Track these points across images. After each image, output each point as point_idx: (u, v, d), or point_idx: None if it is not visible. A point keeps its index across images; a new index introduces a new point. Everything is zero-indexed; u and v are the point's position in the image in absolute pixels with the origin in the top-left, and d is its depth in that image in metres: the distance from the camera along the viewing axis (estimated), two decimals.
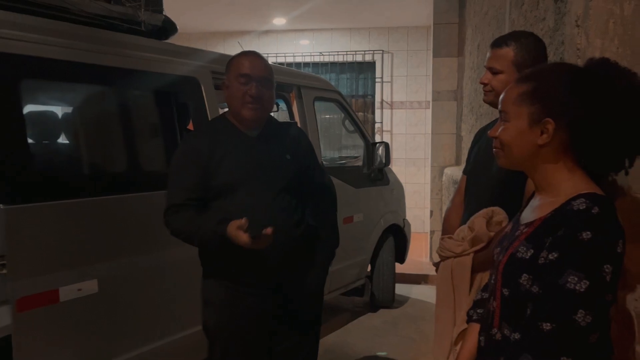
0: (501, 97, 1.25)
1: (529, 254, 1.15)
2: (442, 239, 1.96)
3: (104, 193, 2.26)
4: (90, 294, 2.16)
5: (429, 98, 6.67)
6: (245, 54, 2.02)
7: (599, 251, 1.05)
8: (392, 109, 7.95)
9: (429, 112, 6.61)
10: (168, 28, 2.96)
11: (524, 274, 1.14)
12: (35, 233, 2.00)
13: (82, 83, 2.40)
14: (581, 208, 1.09)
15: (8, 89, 1.96)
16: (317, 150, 3.75)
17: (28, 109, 2.07)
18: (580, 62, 1.61)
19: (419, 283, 5.56)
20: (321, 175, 2.22)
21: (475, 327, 1.38)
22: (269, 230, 1.76)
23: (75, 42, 2.25)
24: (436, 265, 1.98)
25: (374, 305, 4.71)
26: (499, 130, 1.23)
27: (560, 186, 1.18)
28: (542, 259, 1.11)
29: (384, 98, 7.95)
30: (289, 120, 3.74)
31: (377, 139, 7.59)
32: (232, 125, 2.02)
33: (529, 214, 1.25)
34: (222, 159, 1.93)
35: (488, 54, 1.84)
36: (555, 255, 1.08)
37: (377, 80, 7.94)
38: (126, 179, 2.40)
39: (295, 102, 3.70)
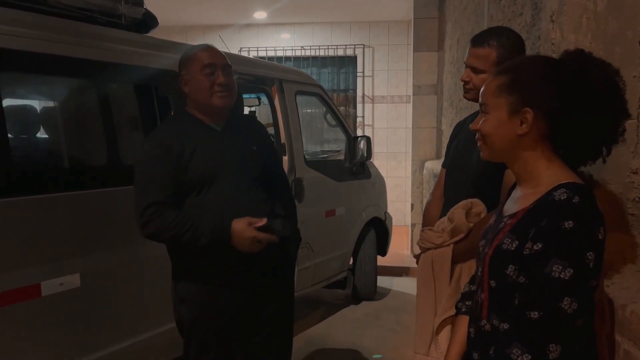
0: (481, 90, 1.29)
1: (514, 246, 1.18)
2: (422, 230, 2.00)
3: (86, 187, 2.25)
4: (72, 289, 2.15)
5: (410, 92, 6.71)
6: (201, 47, 2.02)
7: (582, 239, 1.08)
8: (373, 103, 7.99)
9: (410, 106, 6.65)
10: (148, 21, 2.94)
11: (510, 265, 1.18)
12: (15, 227, 1.98)
13: (59, 76, 2.37)
14: (562, 198, 1.12)
15: None
16: (299, 144, 3.77)
17: (2, 102, 2.04)
18: (555, 57, 1.65)
19: (400, 275, 5.63)
20: (280, 165, 2.30)
21: (465, 320, 1.41)
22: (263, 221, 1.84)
23: (52, 35, 2.22)
24: (417, 257, 2.02)
25: (356, 298, 4.75)
26: (480, 122, 1.26)
27: (540, 176, 1.21)
28: (527, 250, 1.14)
29: (366, 92, 7.98)
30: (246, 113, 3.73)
31: (359, 133, 7.62)
32: (196, 119, 2.01)
33: (511, 206, 1.28)
34: (193, 153, 1.91)
35: (468, 51, 1.87)
36: (540, 246, 1.11)
37: (358, 74, 7.96)
38: (108, 173, 2.39)
39: (277, 96, 3.70)
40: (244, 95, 4.21)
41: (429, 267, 1.93)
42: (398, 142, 7.95)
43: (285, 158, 3.64)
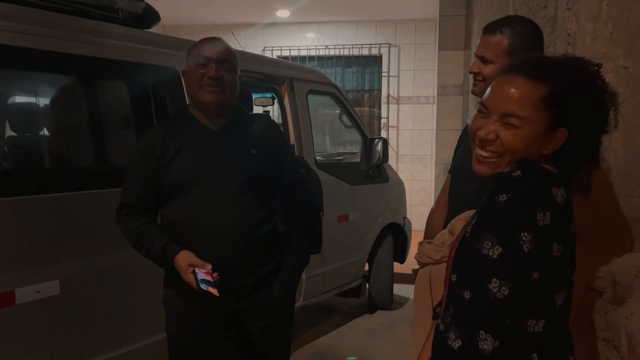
0: (510, 93, 1.06)
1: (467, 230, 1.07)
2: (420, 243, 1.81)
3: (69, 189, 2.14)
4: (50, 296, 2.04)
5: (436, 93, 6.48)
6: (204, 39, 1.91)
7: (514, 216, 0.97)
8: (398, 104, 7.77)
9: (436, 107, 6.42)
10: (149, 16, 2.83)
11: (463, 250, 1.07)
12: None
13: (51, 73, 2.28)
14: (505, 171, 1.03)
15: None
16: (309, 145, 3.61)
17: None
18: (570, 49, 1.44)
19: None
20: (294, 171, 2.07)
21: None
22: (216, 275, 1.70)
23: (46, 30, 2.13)
24: (414, 272, 1.83)
25: (371, 307, 4.55)
26: (503, 134, 1.05)
27: None
28: (469, 226, 1.05)
29: (391, 93, 7.77)
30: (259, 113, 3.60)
31: (383, 134, 7.42)
32: (193, 117, 1.88)
33: None
34: (176, 154, 1.80)
35: (479, 41, 1.68)
36: (474, 221, 1.04)
37: (383, 74, 7.76)
38: (93, 174, 2.28)
39: (286, 95, 3.55)
40: (256, 95, 4.07)
41: (426, 285, 1.74)
42: (424, 144, 7.70)
43: None
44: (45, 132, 2.41)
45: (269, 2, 6.88)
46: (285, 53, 7.87)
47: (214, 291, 1.68)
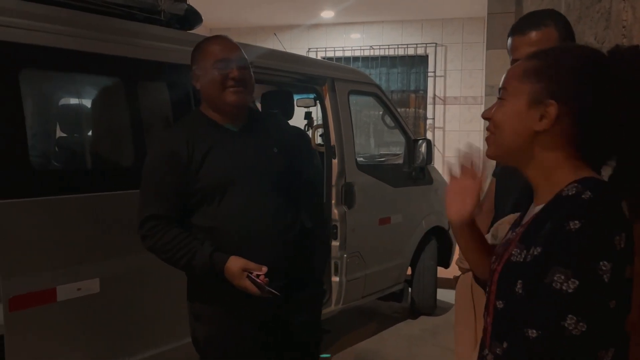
0: (505, 74, 1.06)
1: (522, 256, 0.96)
2: None
3: (109, 189, 2.17)
4: (90, 294, 2.07)
5: (484, 93, 6.30)
6: (214, 38, 1.85)
7: (591, 244, 0.86)
8: (444, 104, 7.60)
9: (483, 108, 6.24)
10: (191, 18, 2.85)
11: (519, 281, 0.95)
12: (31, 230, 1.92)
13: (96, 75, 2.33)
14: (570, 194, 0.91)
15: (11, 80, 1.89)
16: (350, 146, 3.56)
17: (28, 100, 2.00)
18: (625, 42, 1.33)
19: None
20: (312, 165, 2.07)
21: None
22: (264, 278, 1.64)
23: (91, 32, 2.17)
24: (455, 279, 1.75)
25: (413, 312, 4.45)
26: (493, 110, 1.03)
27: (561, 184, 0.97)
28: (529, 256, 0.93)
29: (437, 93, 7.61)
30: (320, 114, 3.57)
31: (429, 135, 7.28)
32: (209, 119, 1.82)
33: (528, 215, 1.05)
34: (204, 159, 1.73)
35: (512, 43, 1.58)
36: (539, 250, 0.91)
37: (429, 74, 7.61)
38: (135, 175, 2.30)
39: (328, 95, 3.50)
40: (297, 96, 4.05)
41: (468, 292, 1.67)
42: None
43: (334, 161, 3.44)
44: (89, 133, 2.45)
45: (314, 3, 6.88)
46: (330, 54, 7.85)
47: (275, 292, 1.63)
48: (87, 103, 2.46)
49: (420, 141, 4.07)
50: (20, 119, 1.90)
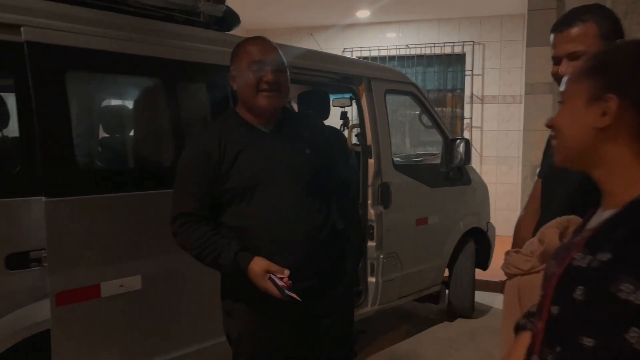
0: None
1: (586, 261, 0.91)
2: (507, 253, 1.68)
3: (151, 187, 2.21)
4: (132, 291, 2.12)
5: (523, 92, 6.15)
6: (253, 40, 1.86)
7: None
8: (482, 103, 7.45)
9: (523, 106, 6.10)
10: (229, 19, 2.88)
11: (580, 287, 0.90)
12: (78, 227, 1.97)
13: (133, 75, 2.37)
14: None
15: (52, 81, 1.95)
16: (387, 146, 3.52)
17: (75, 102, 2.05)
18: None
19: (503, 292, 5.12)
20: (345, 166, 2.08)
21: (527, 337, 1.11)
22: (288, 281, 1.66)
23: (133, 35, 2.22)
24: (502, 283, 1.71)
25: (450, 314, 4.38)
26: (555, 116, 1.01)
27: (630, 179, 0.93)
28: (595, 261, 0.88)
29: (474, 92, 7.47)
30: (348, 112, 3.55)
31: (466, 135, 7.16)
32: (243, 120, 1.85)
33: (595, 220, 1.00)
34: (235, 159, 1.76)
35: (553, 41, 1.53)
36: (608, 257, 0.86)
37: (466, 73, 7.48)
38: (173, 174, 2.34)
39: (364, 95, 3.48)
40: (334, 96, 4.04)
41: (514, 298, 1.61)
42: (509, 145, 7.33)
43: (371, 161, 3.42)
44: (132, 133, 2.50)
45: (350, 3, 6.85)
46: (365, 54, 7.80)
47: (296, 296, 1.65)
48: (130, 104, 2.51)
49: (458, 141, 4.01)
50: (67, 120, 1.96)
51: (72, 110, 1.99)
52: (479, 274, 4.52)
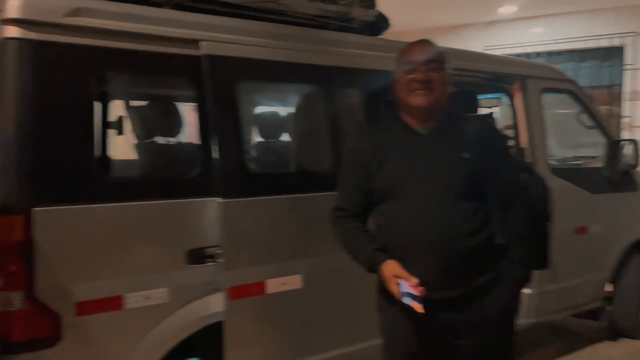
0: None
1: None
2: None
3: (315, 190, 2.29)
4: (294, 289, 2.21)
5: None
6: (412, 42, 1.86)
7: None
8: None
9: None
10: (379, 23, 2.90)
11: None
12: (248, 226, 2.11)
13: (297, 83, 2.48)
14: None
15: (226, 90, 2.11)
16: (542, 149, 3.30)
17: (245, 109, 2.20)
18: None
19: None
20: (512, 177, 1.90)
21: None
22: (422, 290, 1.64)
23: (293, 44, 2.32)
24: None
25: (613, 333, 3.97)
26: None
27: None
28: None
29: (635, 88, 6.75)
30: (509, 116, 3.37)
31: (625, 136, 6.48)
32: (402, 122, 1.86)
33: None
34: (385, 159, 1.80)
35: None
36: None
37: (625, 67, 6.78)
38: (333, 177, 2.40)
39: (518, 95, 3.29)
40: (481, 96, 3.87)
41: None
42: None
43: None
44: (294, 137, 2.62)
45: None
46: (508, 51, 7.41)
47: (418, 307, 1.62)
48: (294, 111, 2.63)
49: (624, 142, 3.64)
50: (240, 126, 2.11)
51: (245, 118, 2.13)
52: None
